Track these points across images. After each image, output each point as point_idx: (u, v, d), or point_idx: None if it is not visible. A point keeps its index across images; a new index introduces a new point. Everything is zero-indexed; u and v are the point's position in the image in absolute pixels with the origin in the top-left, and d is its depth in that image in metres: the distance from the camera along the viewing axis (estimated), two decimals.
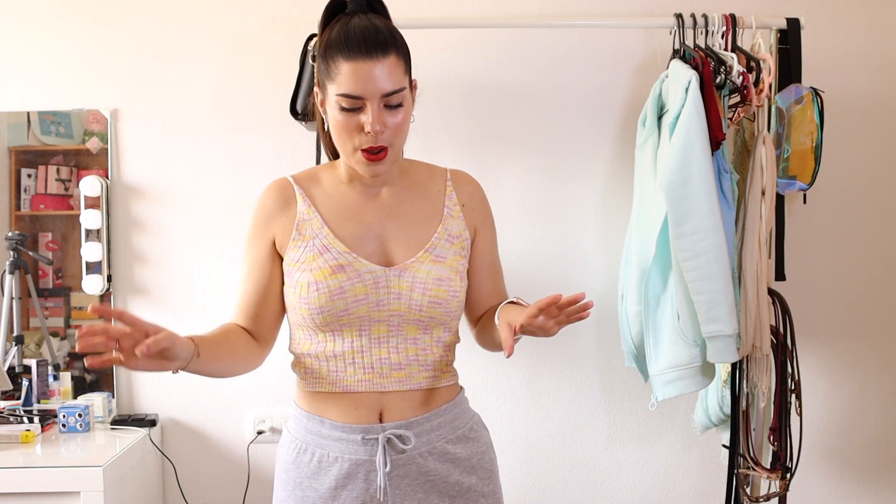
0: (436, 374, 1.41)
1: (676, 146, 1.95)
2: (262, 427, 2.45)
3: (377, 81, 1.26)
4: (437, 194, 1.45)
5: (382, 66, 1.27)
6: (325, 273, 1.34)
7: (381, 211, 1.41)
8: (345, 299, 1.34)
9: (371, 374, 1.37)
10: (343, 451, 1.37)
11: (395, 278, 1.35)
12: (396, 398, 1.38)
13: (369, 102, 1.27)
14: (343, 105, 1.28)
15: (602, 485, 2.51)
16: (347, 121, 1.29)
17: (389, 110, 1.30)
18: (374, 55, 1.26)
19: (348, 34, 1.28)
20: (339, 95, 1.28)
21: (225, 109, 2.44)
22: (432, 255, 1.38)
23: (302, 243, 1.38)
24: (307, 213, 1.39)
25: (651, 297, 2.09)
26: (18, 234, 2.43)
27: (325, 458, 1.38)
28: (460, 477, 1.41)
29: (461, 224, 1.44)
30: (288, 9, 2.41)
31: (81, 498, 2.01)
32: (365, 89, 1.27)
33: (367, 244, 1.38)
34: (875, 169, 2.45)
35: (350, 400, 1.38)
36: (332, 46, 1.29)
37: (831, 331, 2.47)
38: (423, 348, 1.39)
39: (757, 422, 2.15)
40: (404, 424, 1.37)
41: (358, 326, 1.36)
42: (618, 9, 2.41)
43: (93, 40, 2.43)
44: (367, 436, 1.36)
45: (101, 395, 2.43)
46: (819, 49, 2.37)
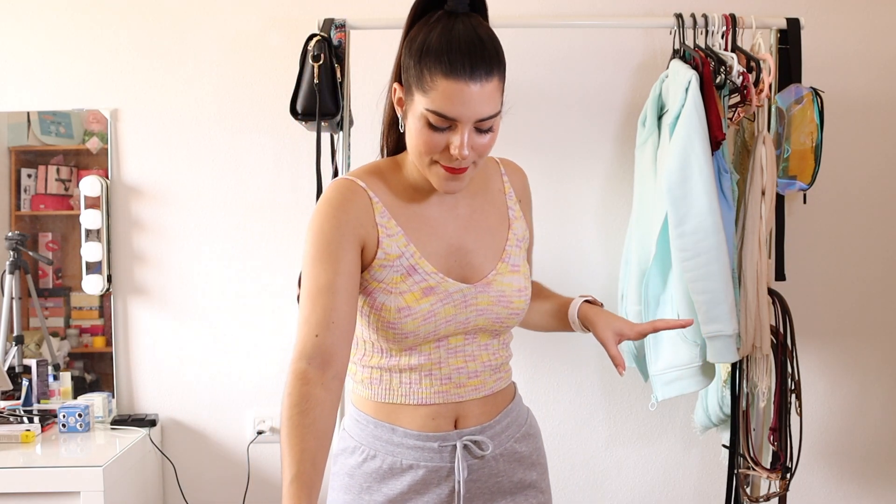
0: (501, 375, 1.39)
1: (676, 146, 1.95)
2: (262, 427, 2.45)
3: (476, 106, 1.16)
4: (498, 193, 1.39)
5: (484, 90, 1.16)
6: (415, 297, 1.26)
7: (458, 223, 1.33)
8: (435, 322, 1.28)
9: (448, 384, 1.32)
10: (418, 458, 1.31)
11: (482, 294, 1.31)
12: (472, 406, 1.35)
13: (461, 125, 1.17)
14: (432, 122, 1.18)
15: (602, 485, 2.51)
16: (432, 138, 1.19)
17: (479, 133, 1.20)
18: (477, 77, 1.15)
19: (451, 45, 1.16)
20: (429, 111, 1.17)
21: (225, 109, 2.44)
22: (509, 266, 1.35)
23: (388, 262, 1.27)
24: (389, 228, 1.28)
25: (651, 297, 2.09)
26: (18, 234, 2.43)
27: (398, 465, 1.32)
28: (524, 474, 1.39)
29: (524, 224, 1.41)
30: (288, 9, 2.41)
31: (81, 498, 2.01)
32: (461, 113, 1.16)
33: (449, 260, 1.31)
34: (875, 169, 2.45)
35: (426, 411, 1.32)
36: (430, 54, 1.17)
37: (831, 331, 2.47)
38: (493, 353, 1.37)
39: (757, 422, 2.14)
40: (479, 430, 1.34)
41: (436, 341, 1.31)
42: (618, 9, 2.41)
43: (93, 40, 2.43)
44: (444, 443, 1.32)
45: (101, 395, 2.43)
46: (819, 49, 2.37)
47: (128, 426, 2.37)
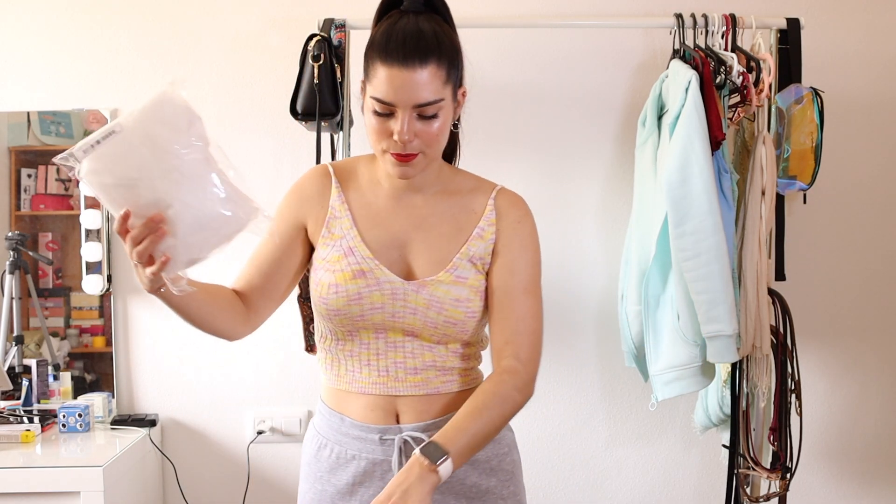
0: (454, 378, 1.39)
1: (676, 146, 1.95)
2: (262, 427, 2.45)
3: (410, 91, 1.23)
4: (472, 212, 1.39)
5: (418, 76, 1.22)
6: (346, 276, 1.33)
7: (410, 220, 1.37)
8: (361, 305, 1.33)
9: (386, 377, 1.36)
10: (361, 449, 1.37)
11: (413, 293, 1.33)
12: (413, 402, 1.37)
13: (400, 111, 1.24)
14: (376, 108, 1.26)
15: (602, 485, 2.51)
16: (379, 125, 1.27)
17: (423, 120, 1.26)
18: (410, 63, 1.22)
19: (390, 37, 1.24)
20: (372, 98, 1.26)
21: (225, 109, 2.44)
22: (453, 276, 1.35)
23: (331, 241, 1.37)
24: (339, 211, 1.38)
25: (651, 297, 2.09)
26: (18, 234, 2.43)
27: (343, 455, 1.38)
28: (478, 479, 1.39)
29: (488, 247, 1.37)
30: (288, 9, 2.41)
31: (81, 498, 2.01)
32: (397, 97, 1.23)
33: (390, 252, 1.35)
34: (875, 169, 2.45)
35: (365, 401, 1.37)
36: (373, 47, 1.26)
37: (831, 331, 2.47)
38: (440, 355, 1.37)
39: (757, 422, 2.15)
40: (421, 427, 1.36)
41: (374, 330, 1.35)
42: (618, 9, 2.41)
43: (93, 40, 2.43)
44: (385, 436, 1.36)
45: (101, 395, 2.43)
46: (819, 49, 2.37)
47: (128, 426, 2.37)
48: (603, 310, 2.42)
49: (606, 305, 2.41)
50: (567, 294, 2.44)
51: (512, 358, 1.35)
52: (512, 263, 1.37)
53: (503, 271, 1.37)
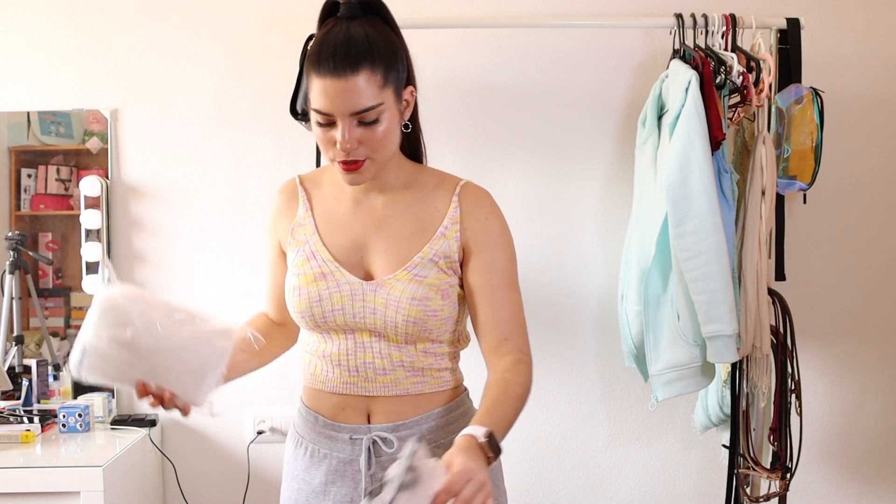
0: (426, 379, 1.38)
1: (676, 146, 1.95)
2: (262, 427, 2.45)
3: (345, 100, 1.22)
4: (435, 210, 1.38)
5: (352, 84, 1.21)
6: (308, 279, 1.37)
7: (370, 222, 1.39)
8: (322, 307, 1.35)
9: (356, 377, 1.37)
10: (332, 448, 1.40)
11: (371, 293, 1.34)
12: (384, 402, 1.38)
13: (339, 120, 1.24)
14: (318, 120, 1.27)
15: (602, 485, 2.51)
16: (323, 135, 1.28)
17: (364, 126, 1.25)
18: (341, 73, 1.21)
19: (321, 48, 1.23)
20: (312, 110, 1.27)
21: (225, 109, 2.44)
22: (410, 274, 1.34)
23: (296, 247, 1.41)
24: (303, 218, 1.42)
25: (651, 298, 2.09)
26: (18, 234, 2.43)
27: (316, 454, 1.42)
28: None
29: (454, 245, 1.36)
30: (288, 9, 2.41)
31: (81, 498, 2.01)
32: (333, 107, 1.23)
33: (351, 255, 1.38)
34: (875, 169, 2.45)
35: (337, 400, 1.40)
36: (308, 58, 1.25)
37: (831, 331, 2.47)
38: (408, 356, 1.37)
39: (757, 422, 2.15)
40: (391, 427, 1.37)
41: (342, 331, 1.37)
42: (618, 9, 2.41)
43: (93, 40, 2.43)
44: (354, 435, 1.38)
45: (101, 395, 2.42)
46: (819, 49, 2.37)
47: (128, 426, 2.37)
48: (603, 310, 2.42)
49: (606, 305, 2.41)
50: (567, 294, 2.44)
51: (517, 352, 1.36)
52: (490, 261, 1.37)
53: (483, 270, 1.36)
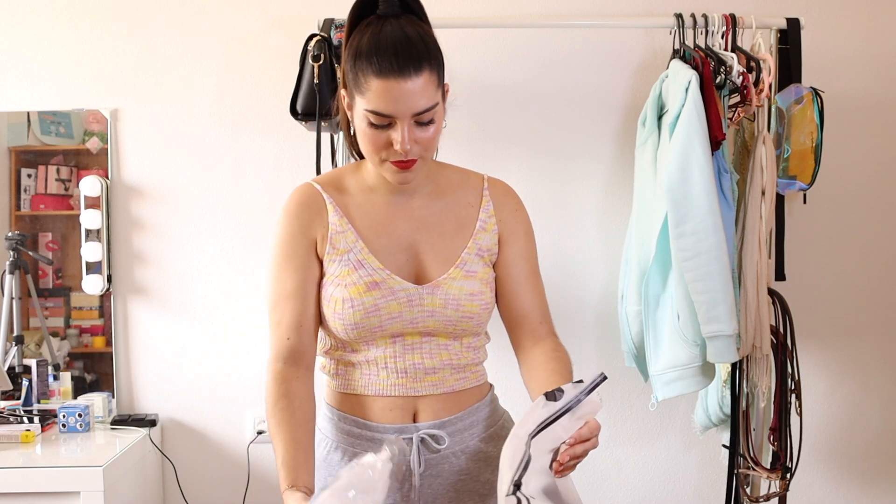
0: (466, 375, 1.40)
1: (676, 146, 1.95)
2: (262, 427, 2.45)
3: (409, 101, 1.21)
4: (469, 205, 1.40)
5: (415, 85, 1.21)
6: (359, 290, 1.31)
7: (412, 223, 1.37)
8: (379, 316, 1.32)
9: (405, 378, 1.36)
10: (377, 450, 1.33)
11: (428, 296, 1.33)
12: (430, 401, 1.37)
13: (400, 121, 1.23)
14: (372, 121, 1.23)
15: (602, 485, 2.51)
16: (376, 136, 1.24)
17: (420, 126, 1.25)
18: (406, 73, 1.20)
19: (379, 46, 1.21)
20: (367, 111, 1.23)
21: (225, 109, 2.44)
22: (463, 271, 1.35)
23: (337, 257, 1.34)
24: (340, 225, 1.35)
25: (651, 297, 2.09)
26: (18, 234, 2.43)
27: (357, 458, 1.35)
28: (491, 475, 1.39)
29: (493, 238, 1.40)
30: (288, 9, 2.41)
31: (81, 498, 2.01)
32: (396, 109, 1.21)
33: (398, 258, 1.35)
34: (875, 169, 2.45)
35: (384, 402, 1.36)
36: (361, 57, 1.22)
37: (831, 331, 2.47)
38: (454, 353, 1.38)
39: (757, 422, 2.15)
40: (438, 424, 1.36)
41: (391, 335, 1.35)
42: (618, 9, 2.41)
43: (93, 40, 2.43)
44: (403, 435, 1.35)
45: (101, 395, 2.43)
46: (819, 49, 2.37)
47: (128, 426, 2.37)
48: (603, 310, 2.42)
49: (606, 305, 2.41)
50: (567, 294, 2.44)
51: (553, 335, 1.44)
52: (524, 250, 1.43)
53: (519, 258, 1.42)
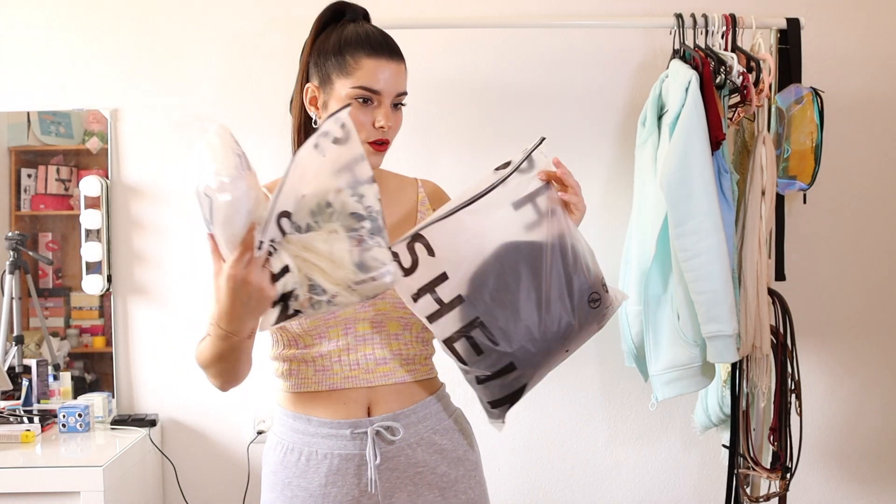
0: (416, 367, 1.44)
1: (676, 146, 1.95)
2: (262, 427, 2.45)
3: (395, 80, 1.36)
4: (409, 200, 1.49)
5: (399, 68, 1.37)
6: None
7: None
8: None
9: (357, 370, 1.39)
10: (332, 447, 1.39)
11: None
12: (383, 392, 1.40)
13: (385, 99, 1.35)
14: (358, 97, 1.34)
15: (602, 485, 2.51)
16: (359, 115, 1.34)
17: (394, 110, 1.38)
18: (395, 58, 1.37)
19: (369, 35, 1.37)
20: (356, 88, 1.34)
21: (225, 109, 2.44)
22: None
23: None
24: None
25: (651, 297, 2.09)
26: (18, 234, 2.43)
27: (314, 456, 1.39)
28: (447, 469, 1.43)
29: None
30: (288, 9, 2.42)
31: (81, 498, 2.01)
32: (386, 86, 1.35)
33: None
34: (875, 169, 2.45)
35: (338, 397, 1.40)
36: (351, 43, 1.36)
37: (831, 331, 2.47)
38: (404, 343, 1.42)
39: (757, 422, 2.15)
40: (392, 416, 1.40)
41: (343, 326, 1.38)
42: (618, 9, 2.41)
43: (93, 40, 2.43)
44: (356, 430, 1.38)
45: (101, 395, 2.43)
46: (819, 49, 2.37)
47: (128, 426, 2.37)
48: None
49: None
50: None
51: None
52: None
53: None
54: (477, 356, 1.33)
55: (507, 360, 1.32)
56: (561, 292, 1.33)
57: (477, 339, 1.31)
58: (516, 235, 1.32)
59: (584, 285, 1.35)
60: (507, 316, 1.31)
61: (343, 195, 1.18)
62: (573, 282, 1.33)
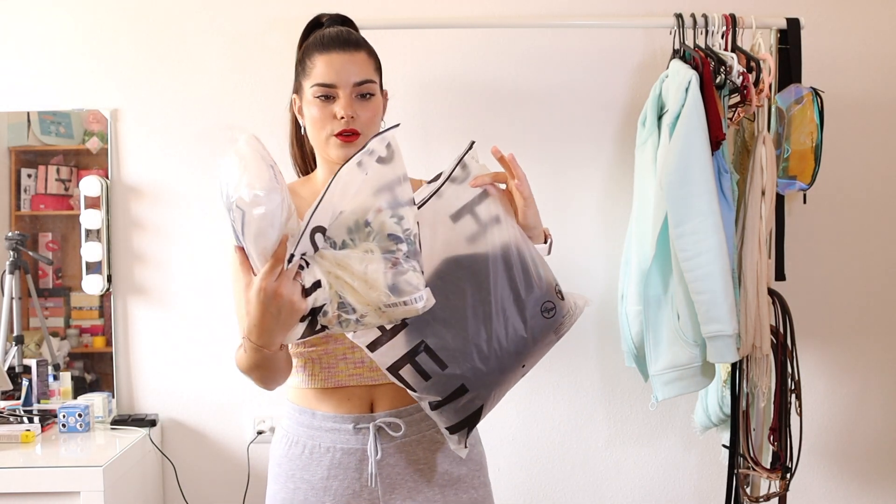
0: None
1: (676, 146, 1.95)
2: (262, 427, 2.45)
3: (349, 71, 1.37)
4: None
5: (353, 59, 1.38)
6: None
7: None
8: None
9: (361, 368, 1.41)
10: (335, 440, 1.41)
11: None
12: (386, 390, 1.42)
13: (341, 90, 1.37)
14: (318, 94, 1.37)
15: (602, 485, 2.51)
16: (322, 111, 1.38)
17: (360, 101, 1.38)
18: (346, 49, 1.38)
19: (324, 36, 1.41)
20: (314, 86, 1.38)
21: (225, 109, 2.44)
22: None
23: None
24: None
25: (651, 298, 2.09)
26: (18, 234, 2.43)
27: (317, 449, 1.42)
28: (450, 466, 1.44)
29: None
30: (288, 9, 2.42)
31: (81, 498, 2.01)
32: (338, 78, 1.37)
33: None
34: (875, 169, 2.45)
35: (343, 393, 1.42)
36: (308, 48, 1.42)
37: (831, 331, 2.47)
38: None
39: (757, 422, 2.15)
40: (395, 413, 1.42)
41: None
42: (618, 9, 2.41)
43: (93, 40, 2.43)
44: (359, 425, 1.40)
45: (101, 395, 2.43)
46: (819, 49, 2.37)
47: (128, 426, 2.37)
48: (603, 310, 2.42)
49: (606, 305, 2.41)
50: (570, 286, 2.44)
51: None
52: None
53: None
54: (425, 381, 1.28)
55: (458, 383, 1.27)
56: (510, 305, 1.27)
57: (423, 364, 1.26)
58: (458, 249, 1.27)
59: (536, 295, 1.29)
60: (453, 336, 1.26)
61: (382, 215, 1.18)
62: (522, 292, 1.27)
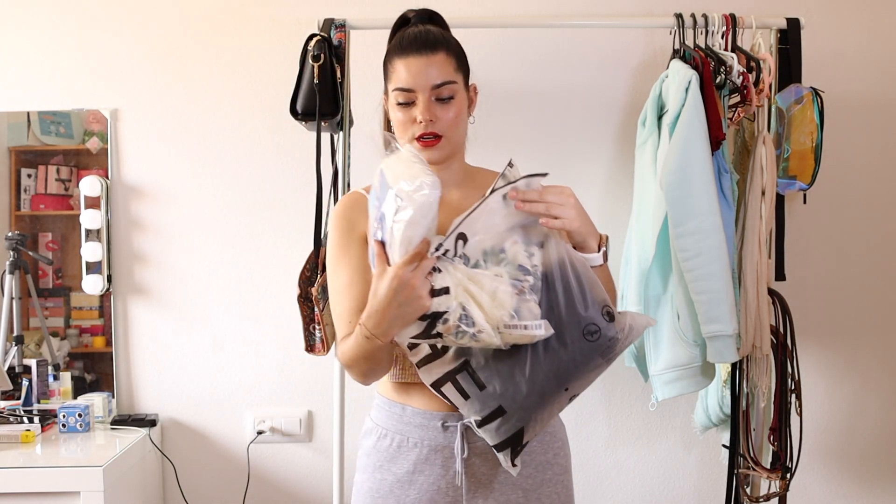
0: None
1: (676, 146, 1.95)
2: (262, 427, 2.45)
3: (426, 75, 1.38)
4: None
5: (431, 62, 1.38)
6: None
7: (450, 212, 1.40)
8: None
9: None
10: (423, 436, 1.42)
11: None
12: None
13: (420, 94, 1.38)
14: (399, 100, 1.39)
15: (602, 485, 2.51)
16: (404, 115, 1.39)
17: (441, 104, 1.39)
18: (423, 52, 1.38)
19: (403, 39, 1.41)
20: (394, 91, 1.40)
21: (225, 109, 2.44)
22: None
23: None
24: None
25: (651, 298, 2.09)
26: (18, 234, 2.43)
27: (405, 443, 1.43)
28: (535, 470, 1.45)
29: None
30: (288, 9, 2.42)
31: (81, 498, 2.01)
32: (415, 82, 1.38)
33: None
34: (875, 169, 2.45)
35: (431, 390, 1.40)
36: (389, 52, 1.43)
37: (831, 331, 2.47)
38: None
39: (757, 422, 2.15)
40: None
41: None
42: (618, 9, 2.41)
43: (93, 40, 2.43)
44: (447, 423, 1.41)
45: (101, 395, 2.43)
46: (819, 49, 2.37)
47: (128, 426, 2.37)
48: None
49: None
50: None
51: None
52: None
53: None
54: (465, 400, 1.30)
55: (496, 404, 1.29)
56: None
57: (463, 382, 1.29)
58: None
59: (578, 317, 1.28)
60: (493, 357, 1.27)
61: (517, 247, 1.25)
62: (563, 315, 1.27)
